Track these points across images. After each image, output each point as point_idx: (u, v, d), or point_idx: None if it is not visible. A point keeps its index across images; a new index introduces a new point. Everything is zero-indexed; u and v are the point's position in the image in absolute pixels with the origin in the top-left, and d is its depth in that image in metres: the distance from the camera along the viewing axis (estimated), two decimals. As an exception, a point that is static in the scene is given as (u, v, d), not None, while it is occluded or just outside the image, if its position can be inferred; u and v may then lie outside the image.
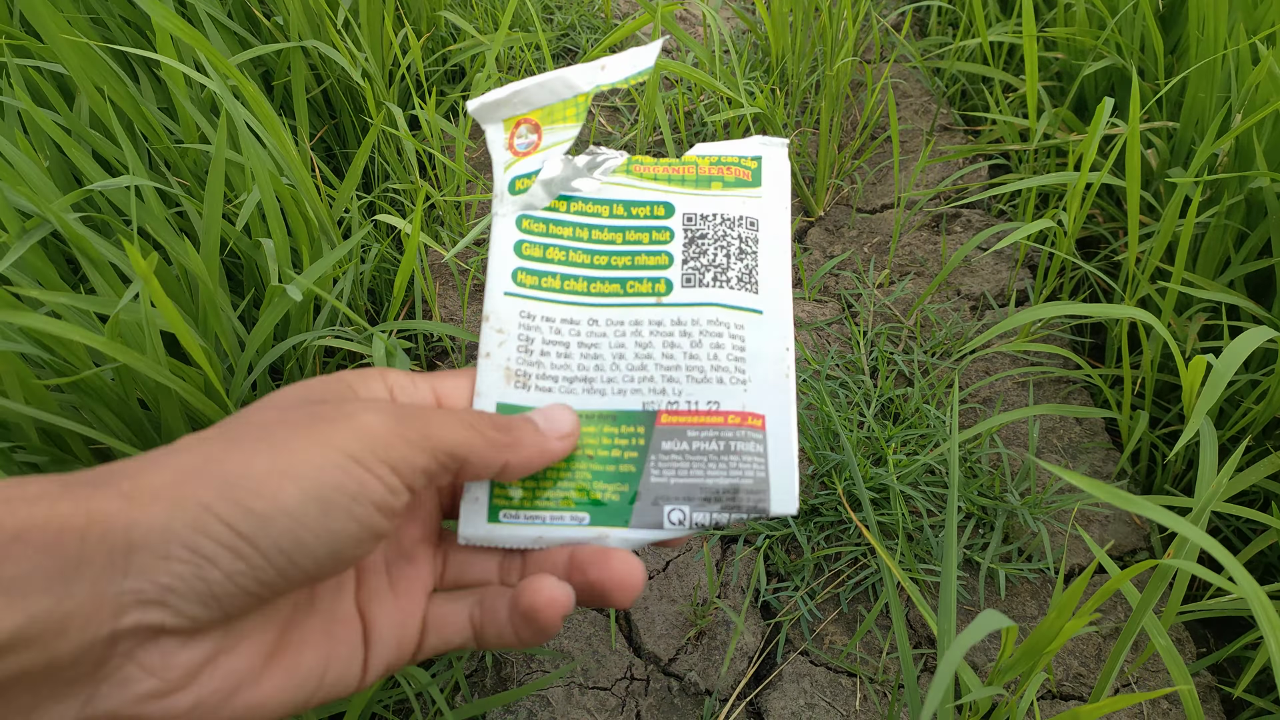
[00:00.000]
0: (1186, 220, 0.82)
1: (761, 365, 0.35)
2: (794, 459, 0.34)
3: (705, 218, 0.37)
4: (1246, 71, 0.88)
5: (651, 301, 0.35)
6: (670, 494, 0.33)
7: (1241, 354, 0.67)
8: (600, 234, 0.36)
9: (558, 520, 0.33)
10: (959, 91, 1.40)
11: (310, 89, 1.18)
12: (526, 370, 0.34)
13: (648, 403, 0.34)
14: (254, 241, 0.91)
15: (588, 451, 0.34)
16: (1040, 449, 0.96)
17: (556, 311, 0.35)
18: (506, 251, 0.36)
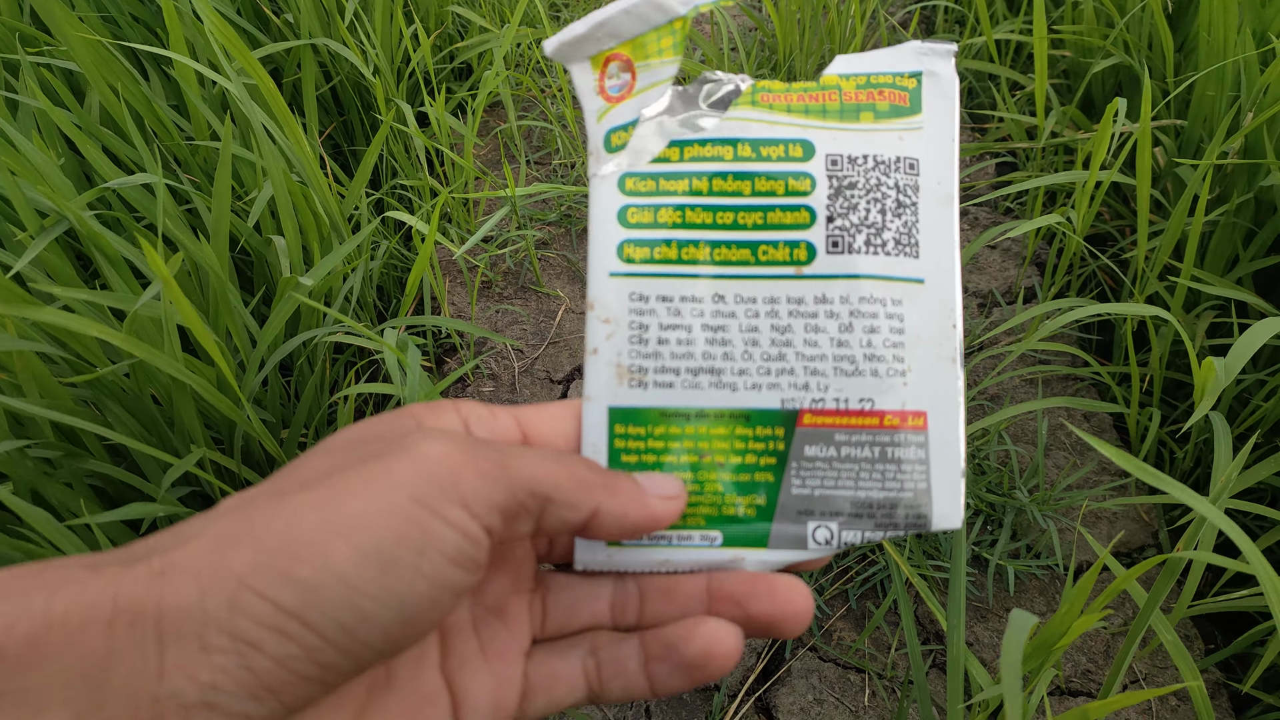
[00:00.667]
0: (1196, 216, 0.82)
1: (923, 350, 0.29)
2: (960, 463, 0.29)
3: (854, 161, 0.30)
4: (1255, 74, 0.88)
5: (790, 272, 0.29)
6: (815, 508, 0.29)
7: (1249, 349, 0.68)
8: (724, 183, 0.30)
9: (685, 541, 0.29)
10: (966, 89, 1.40)
11: (319, 86, 1.18)
12: (642, 365, 0.29)
13: (787, 400, 0.29)
14: (265, 239, 0.91)
15: (717, 458, 0.29)
16: (1049, 446, 0.96)
17: (675, 288, 0.30)
18: (609, 222, 0.30)
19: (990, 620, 0.84)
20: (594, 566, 0.29)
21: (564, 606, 0.29)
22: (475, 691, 0.27)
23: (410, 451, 0.23)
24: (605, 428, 0.29)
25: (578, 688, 0.28)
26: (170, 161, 1.00)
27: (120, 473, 0.70)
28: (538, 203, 1.23)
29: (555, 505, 0.26)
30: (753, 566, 0.28)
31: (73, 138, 0.81)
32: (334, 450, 0.25)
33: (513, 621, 0.28)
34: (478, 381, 1.05)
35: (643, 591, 0.29)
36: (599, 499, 0.26)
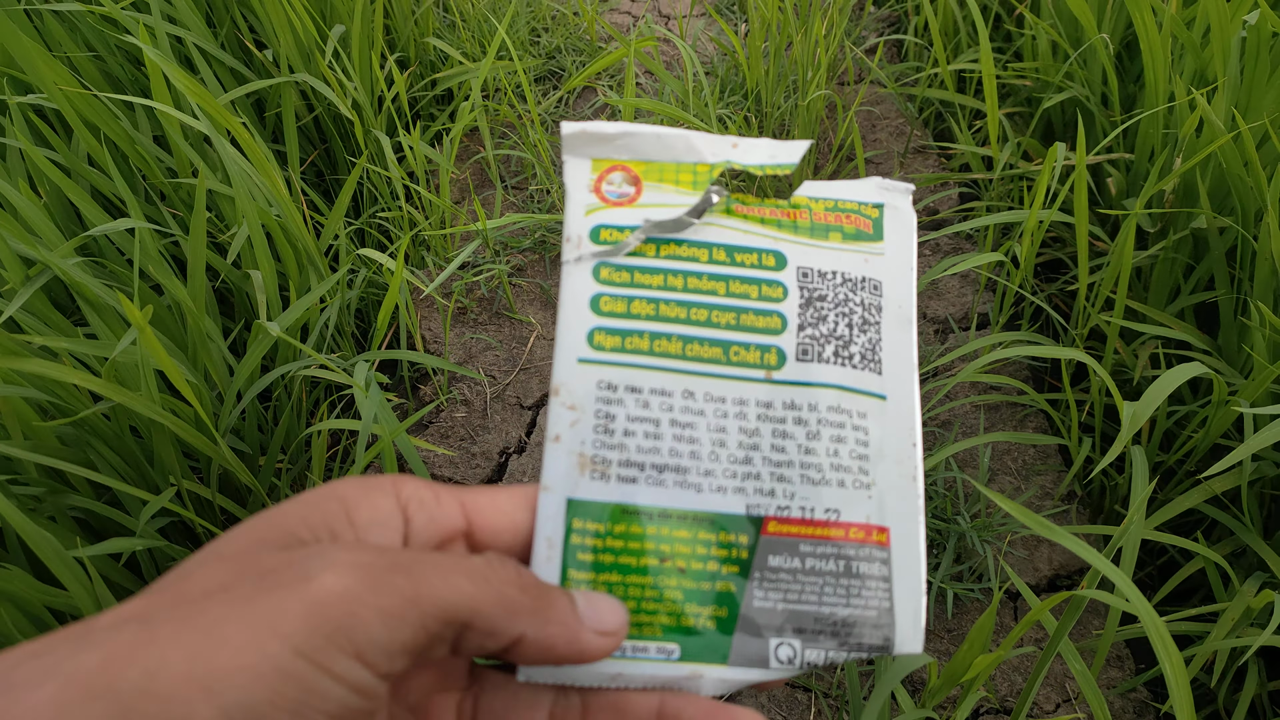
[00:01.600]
0: (1126, 256, 0.86)
1: (885, 465, 0.29)
2: (922, 585, 0.28)
3: (824, 275, 0.31)
4: (1184, 115, 0.92)
5: (760, 376, 0.29)
6: (777, 622, 0.27)
7: (1166, 390, 0.72)
8: (699, 281, 0.30)
9: (641, 653, 0.27)
10: (934, 114, 1.44)
11: (301, 116, 1.22)
12: (606, 456, 0.28)
13: (753, 506, 0.28)
14: (243, 273, 0.96)
15: (679, 564, 0.28)
16: (994, 470, 1.00)
17: (645, 380, 0.29)
18: (581, 308, 0.29)
19: (932, 641, 0.88)
20: (539, 678, 0.27)
21: (496, 711, 0.26)
22: None
23: (306, 588, 0.21)
24: (562, 521, 0.28)
25: None
26: (154, 195, 1.04)
27: (102, 508, 0.74)
28: (513, 230, 1.27)
29: (473, 631, 0.23)
30: (710, 686, 0.27)
31: (56, 180, 0.85)
32: (232, 555, 0.23)
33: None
34: (450, 408, 1.09)
35: (587, 706, 0.26)
36: (523, 626, 0.24)
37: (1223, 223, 0.90)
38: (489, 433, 1.06)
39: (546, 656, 0.24)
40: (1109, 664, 0.87)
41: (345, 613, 0.21)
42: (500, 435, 1.06)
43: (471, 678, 0.27)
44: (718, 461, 0.29)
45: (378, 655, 0.21)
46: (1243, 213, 0.89)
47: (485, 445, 1.05)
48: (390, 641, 0.21)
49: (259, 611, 0.21)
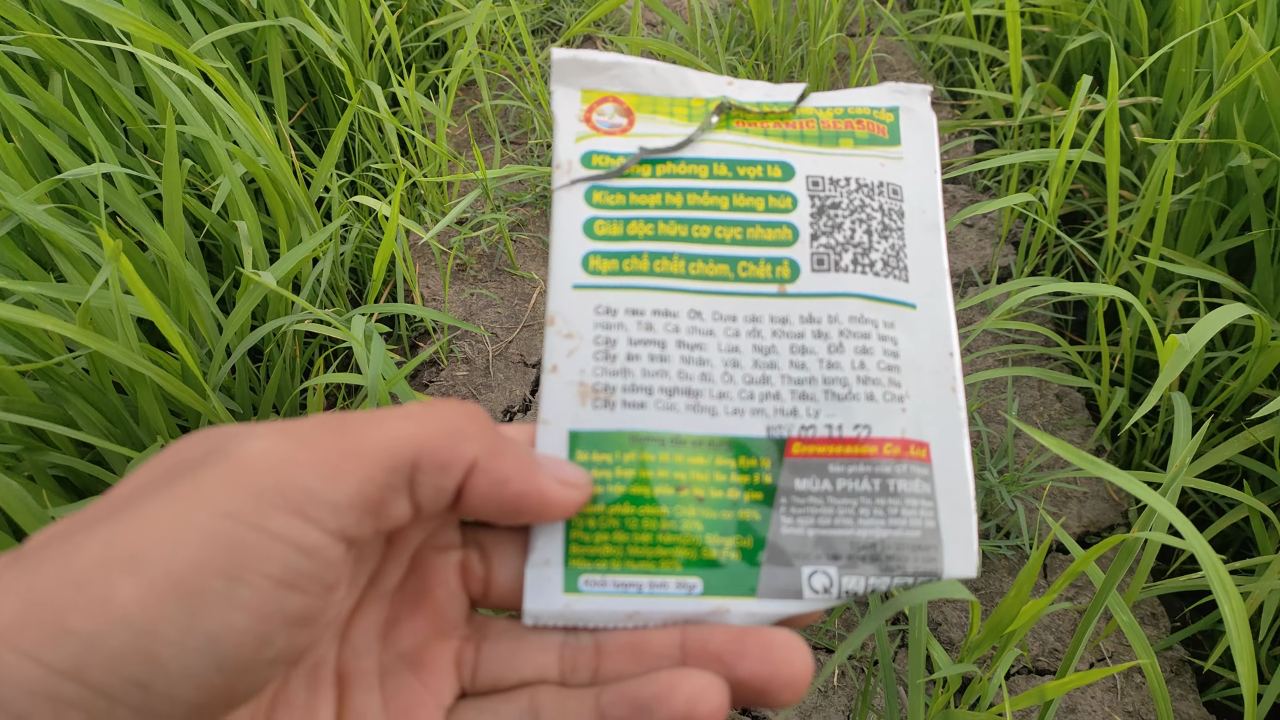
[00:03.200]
0: (1164, 195, 0.82)
1: (920, 376, 0.27)
2: (971, 501, 0.26)
3: (836, 182, 0.29)
4: (1225, 48, 0.87)
5: (773, 290, 0.27)
6: (810, 550, 0.25)
7: (1211, 330, 0.68)
8: (699, 198, 0.28)
9: (659, 588, 0.25)
10: (946, 64, 1.39)
11: (289, 66, 1.17)
12: (609, 383, 0.26)
13: (774, 427, 0.26)
14: (230, 224, 0.91)
15: (696, 492, 0.25)
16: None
17: (646, 301, 0.27)
18: (574, 233, 0.28)
19: (959, 600, 0.84)
20: (547, 620, 0.25)
21: (500, 657, 0.24)
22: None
23: (227, 459, 0.19)
24: (565, 454, 0.26)
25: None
26: (137, 148, 0.99)
27: (86, 465, 0.70)
28: (513, 184, 1.23)
29: (424, 471, 0.21)
30: (738, 619, 0.25)
31: (28, 125, 0.80)
32: (152, 468, 0.21)
33: (432, 673, 0.24)
34: (451, 366, 1.05)
35: (601, 646, 0.24)
36: (474, 450, 0.22)
37: (1261, 162, 0.86)
38: (492, 391, 1.02)
39: (499, 492, 0.22)
40: (1143, 622, 0.83)
41: (274, 470, 0.19)
42: (504, 394, 1.02)
43: (471, 625, 0.25)
44: (732, 383, 0.27)
45: (320, 510, 0.19)
46: (1284, 150, 0.84)
47: (489, 404, 1.01)
48: (332, 494, 0.19)
49: (181, 490, 0.19)
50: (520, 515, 0.23)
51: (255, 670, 0.19)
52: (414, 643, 0.24)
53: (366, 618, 0.24)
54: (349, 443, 0.20)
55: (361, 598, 0.24)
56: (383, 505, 0.21)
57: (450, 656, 0.25)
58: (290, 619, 0.19)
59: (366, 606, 0.24)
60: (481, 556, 0.25)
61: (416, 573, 0.25)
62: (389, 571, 0.24)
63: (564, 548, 0.25)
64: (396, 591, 0.25)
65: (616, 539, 0.25)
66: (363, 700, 0.23)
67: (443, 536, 0.25)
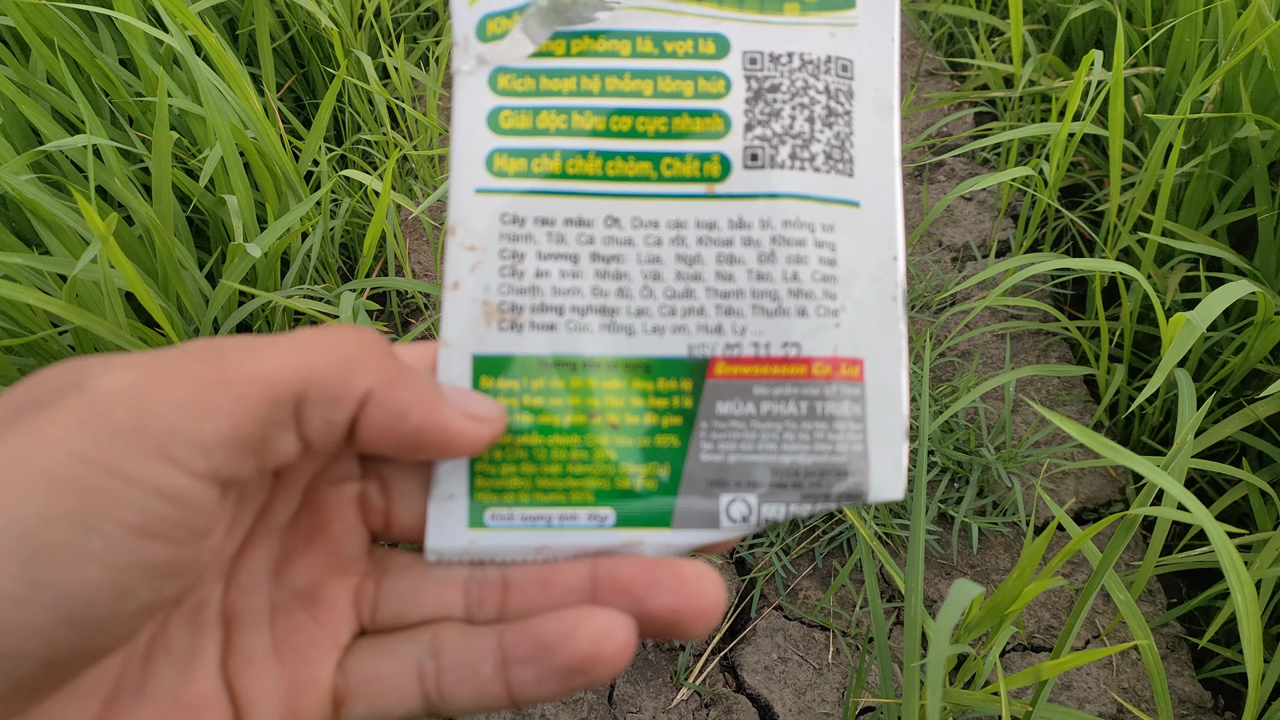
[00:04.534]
0: (1168, 168, 0.81)
1: (859, 286, 0.25)
2: (903, 422, 0.25)
3: (777, 60, 0.25)
4: (1232, 18, 0.85)
5: (700, 191, 0.25)
6: (729, 477, 0.24)
7: (1217, 308, 0.67)
8: (619, 82, 0.25)
9: (570, 521, 0.24)
10: (945, 35, 1.37)
11: (277, 37, 1.15)
12: (517, 302, 0.24)
13: (696, 346, 0.24)
14: (218, 198, 0.89)
15: (610, 419, 0.24)
16: (1017, 402, 0.96)
17: (557, 208, 0.25)
18: (477, 127, 0.25)
19: (955, 576, 0.84)
20: (450, 556, 0.24)
21: (402, 593, 0.23)
22: (261, 699, 0.21)
23: (79, 395, 0.17)
24: (469, 381, 0.24)
25: (409, 695, 0.22)
26: (122, 120, 0.97)
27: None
28: (505, 157, 1.21)
29: (311, 404, 0.20)
30: (652, 551, 0.24)
31: (11, 96, 0.78)
32: (0, 405, 0.19)
33: (327, 611, 0.23)
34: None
35: (508, 580, 0.23)
36: (368, 381, 0.20)
37: (1267, 133, 0.85)
38: (485, 368, 1.01)
39: (398, 426, 0.21)
40: (1140, 599, 0.83)
41: (133, 406, 0.17)
42: (497, 371, 1.01)
43: (372, 560, 0.24)
44: (652, 298, 0.25)
45: (186, 450, 0.17)
46: (1289, 121, 0.83)
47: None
48: (200, 432, 0.18)
49: (26, 430, 0.17)
50: (422, 451, 0.22)
51: (115, 624, 0.18)
52: (308, 579, 0.23)
53: (256, 554, 0.23)
54: (222, 374, 0.19)
55: (250, 534, 0.23)
56: (264, 442, 0.19)
57: (348, 593, 0.23)
58: (153, 570, 0.18)
59: (256, 543, 0.23)
60: (382, 489, 0.24)
61: (310, 507, 0.23)
62: (280, 506, 0.23)
63: (469, 481, 0.24)
64: (289, 526, 0.23)
65: (524, 470, 0.24)
66: (250, 641, 0.22)
67: (339, 468, 0.24)
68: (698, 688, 0.77)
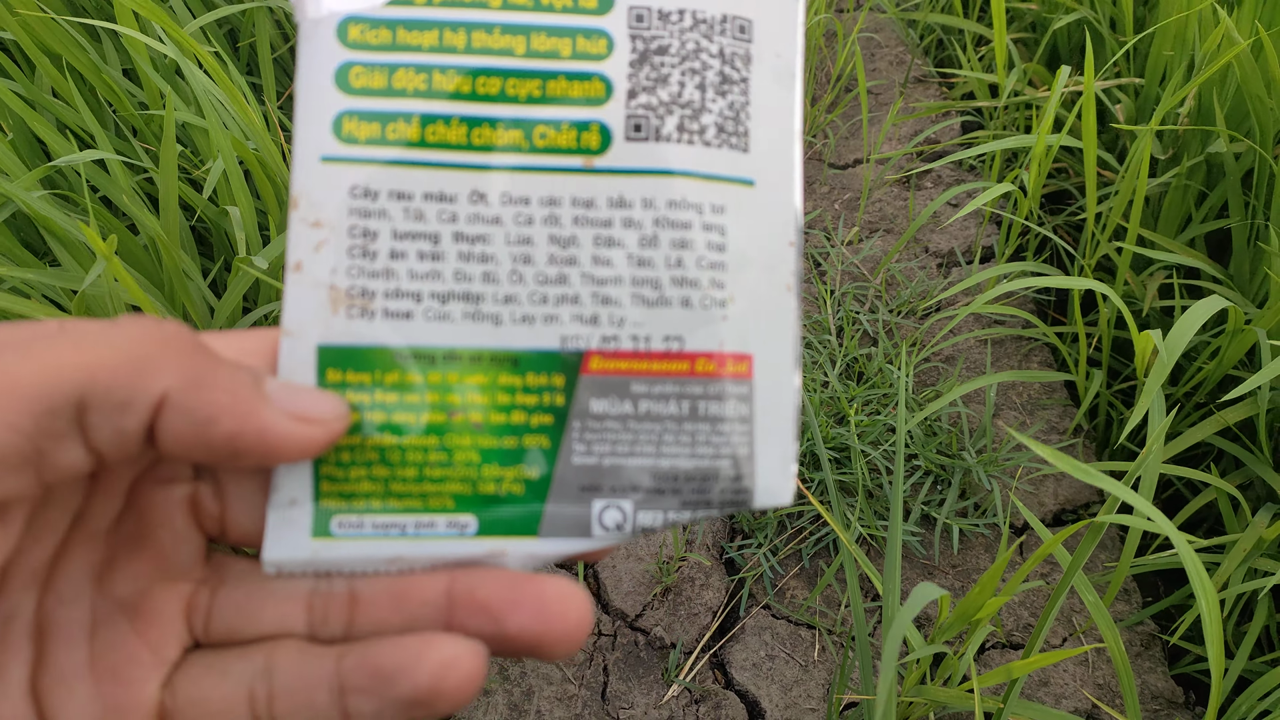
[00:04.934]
0: (1141, 178, 0.83)
1: (750, 274, 0.23)
2: (792, 423, 0.23)
3: (666, 17, 0.23)
4: (1208, 31, 0.88)
5: (577, 164, 0.22)
6: (603, 482, 0.22)
7: (1190, 329, 0.69)
8: (487, 37, 0.22)
9: (426, 529, 0.22)
10: (934, 41, 1.39)
11: (277, 47, 1.17)
12: (368, 286, 0.22)
13: (569, 338, 0.22)
14: (221, 209, 0.91)
15: (473, 417, 0.22)
16: (999, 406, 0.98)
17: (416, 181, 0.22)
18: (323, 85, 0.22)
19: (937, 577, 0.87)
20: (291, 569, 0.21)
21: (238, 605, 0.21)
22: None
23: None
24: (312, 373, 0.22)
25: (238, 717, 0.20)
26: (126, 130, 0.99)
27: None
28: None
29: (95, 411, 0.17)
30: (517, 561, 0.22)
31: (19, 111, 0.80)
32: None
33: (152, 623, 0.21)
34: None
35: (356, 596, 0.21)
36: (163, 383, 0.18)
37: (1239, 146, 0.87)
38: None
39: (203, 433, 0.18)
40: (1115, 598, 0.86)
41: None
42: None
43: (210, 566, 0.22)
44: (521, 284, 0.22)
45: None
46: (1261, 135, 0.85)
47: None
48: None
49: None
50: (239, 459, 0.19)
51: None
52: (133, 588, 0.21)
53: (75, 561, 0.20)
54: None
55: (66, 538, 0.20)
56: (40, 457, 0.17)
57: (179, 603, 0.21)
58: None
59: (74, 548, 0.21)
60: (216, 491, 0.21)
61: (135, 509, 0.21)
62: (99, 509, 0.21)
63: (313, 485, 0.21)
64: (112, 531, 0.21)
65: (376, 474, 0.22)
66: (65, 656, 0.20)
67: (166, 468, 0.21)
68: (688, 684, 0.80)
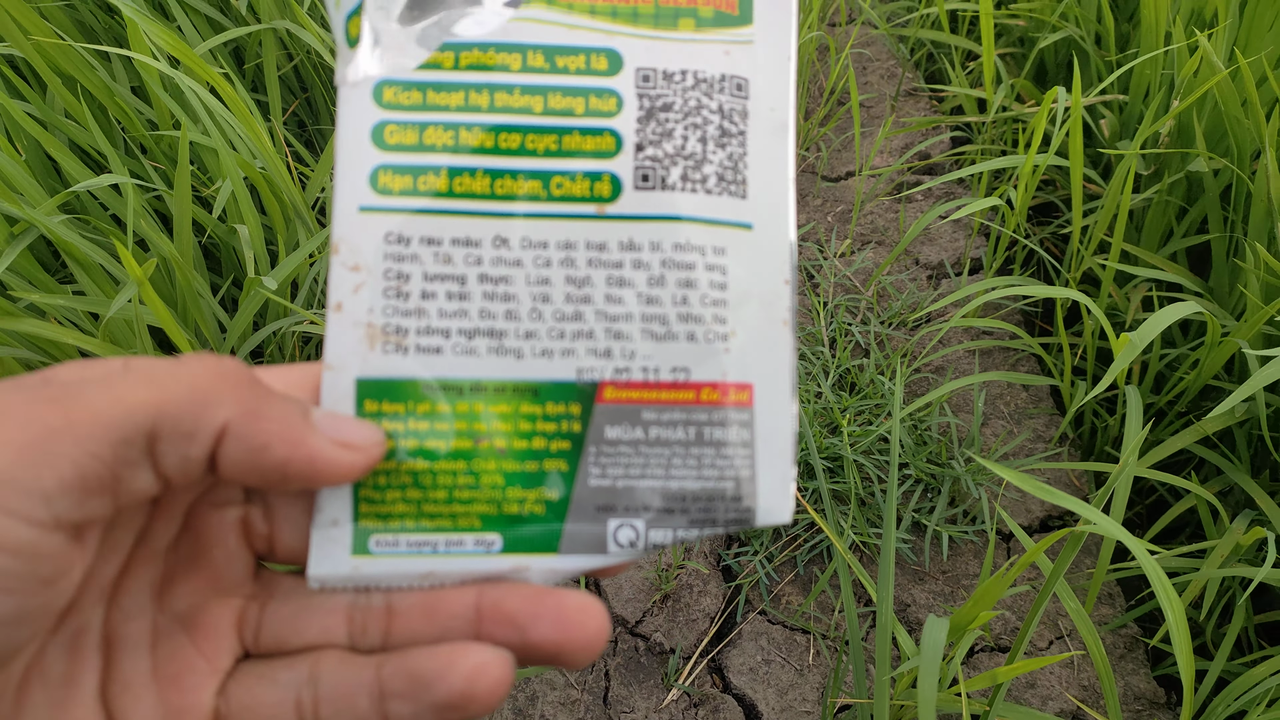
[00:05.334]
0: (1124, 197, 0.86)
1: (749, 309, 0.25)
2: (790, 447, 0.25)
3: (670, 78, 0.25)
4: (1184, 57, 0.91)
5: (590, 211, 0.25)
6: (617, 502, 0.24)
7: (1160, 326, 0.72)
8: (509, 98, 0.25)
9: (456, 547, 0.24)
10: (925, 55, 1.42)
11: (281, 66, 1.19)
12: (402, 324, 0.24)
13: (585, 370, 0.25)
14: (229, 228, 0.94)
15: (497, 443, 0.24)
16: (987, 415, 1.01)
17: (444, 228, 0.24)
18: (361, 142, 0.24)
19: (927, 582, 0.90)
20: (333, 584, 0.23)
21: (285, 618, 0.23)
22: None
23: None
24: (352, 404, 0.24)
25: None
26: (135, 149, 1.01)
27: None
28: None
29: (165, 441, 0.19)
30: (539, 576, 0.24)
31: (34, 134, 0.83)
32: None
33: (207, 635, 0.22)
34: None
35: (392, 609, 0.23)
36: (224, 414, 0.20)
37: (1218, 164, 0.90)
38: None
39: (260, 460, 0.20)
40: (1100, 601, 0.89)
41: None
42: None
43: (259, 583, 0.24)
44: (541, 320, 0.24)
45: (23, 500, 0.17)
46: (1239, 154, 0.88)
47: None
48: (38, 481, 0.17)
49: None
50: (289, 482, 0.21)
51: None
52: (190, 603, 0.23)
53: (138, 577, 0.22)
54: (64, 415, 0.18)
55: (131, 557, 0.22)
56: (116, 482, 0.19)
57: (231, 617, 0.23)
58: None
59: (138, 566, 0.22)
60: (265, 513, 0.24)
61: (192, 530, 0.23)
62: (160, 530, 0.23)
63: (353, 506, 0.24)
64: (170, 550, 0.23)
65: (410, 496, 0.24)
66: (130, 666, 0.21)
67: (220, 493, 0.23)
68: (687, 688, 0.82)
